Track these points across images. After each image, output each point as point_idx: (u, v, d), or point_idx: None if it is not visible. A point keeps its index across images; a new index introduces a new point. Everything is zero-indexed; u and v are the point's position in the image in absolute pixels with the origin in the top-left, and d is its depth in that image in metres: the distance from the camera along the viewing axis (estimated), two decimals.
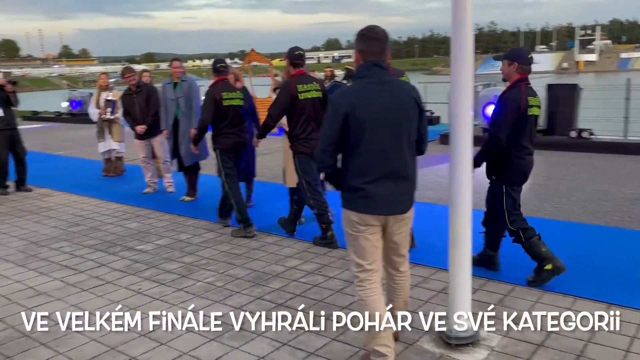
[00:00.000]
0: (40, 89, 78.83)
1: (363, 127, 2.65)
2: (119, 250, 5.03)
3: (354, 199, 2.75)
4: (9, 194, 7.53)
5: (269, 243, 5.11)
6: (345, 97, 2.71)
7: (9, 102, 7.43)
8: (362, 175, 2.71)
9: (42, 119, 20.29)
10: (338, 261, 4.55)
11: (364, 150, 2.69)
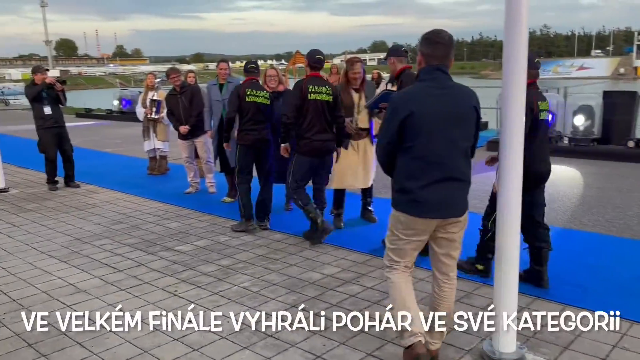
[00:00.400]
0: (95, 87, 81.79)
1: (419, 130, 2.70)
2: (158, 250, 5.06)
3: (404, 202, 2.79)
4: (58, 190, 7.75)
5: (307, 248, 5.03)
6: (404, 100, 2.77)
7: (58, 101, 7.65)
8: (415, 178, 2.75)
9: (94, 116, 20.99)
10: (377, 271, 4.41)
11: (419, 154, 2.73)
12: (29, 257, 4.89)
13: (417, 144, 2.72)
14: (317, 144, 5.04)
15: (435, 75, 2.76)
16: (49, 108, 7.55)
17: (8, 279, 4.37)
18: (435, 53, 2.75)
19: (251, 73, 5.62)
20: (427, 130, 2.70)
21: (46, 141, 7.60)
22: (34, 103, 7.51)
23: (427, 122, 2.69)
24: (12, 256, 4.92)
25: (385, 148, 2.85)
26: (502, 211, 2.88)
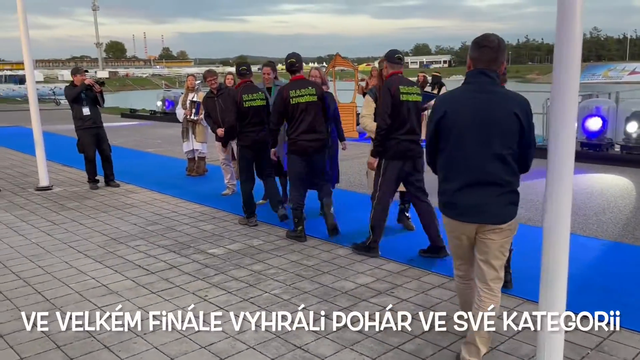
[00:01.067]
0: (142, 88, 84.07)
1: (450, 131, 2.75)
2: (191, 252, 5.03)
3: (442, 203, 2.88)
4: (98, 188, 7.89)
5: (341, 256, 4.89)
6: (441, 102, 2.86)
7: (96, 102, 7.79)
8: (448, 180, 2.82)
9: (138, 116, 21.47)
10: (413, 282, 4.23)
11: (450, 156, 2.78)
12: (66, 256, 4.95)
13: (449, 146, 2.78)
14: (303, 143, 5.18)
15: (478, 79, 2.75)
16: (87, 109, 7.70)
17: (44, 277, 4.41)
18: (482, 57, 2.74)
19: (244, 76, 5.83)
20: (457, 133, 2.74)
21: (85, 141, 7.75)
22: (73, 104, 7.67)
23: (458, 124, 2.73)
24: (50, 255, 4.98)
25: (427, 148, 2.95)
26: (550, 226, 2.66)
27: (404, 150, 4.70)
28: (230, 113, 5.75)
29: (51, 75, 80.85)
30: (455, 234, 2.87)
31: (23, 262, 4.79)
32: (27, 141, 12.13)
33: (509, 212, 2.77)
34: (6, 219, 6.29)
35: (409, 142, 4.72)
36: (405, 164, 4.75)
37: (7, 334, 3.41)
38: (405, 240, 5.30)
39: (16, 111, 25.85)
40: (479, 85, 2.74)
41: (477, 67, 2.75)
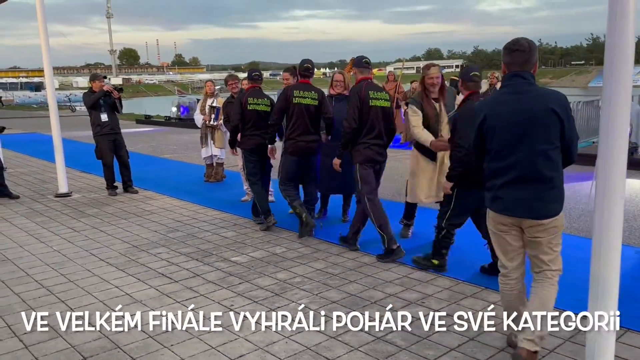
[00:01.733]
0: (155, 94, 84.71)
1: (493, 133, 2.92)
2: (214, 260, 4.94)
3: (490, 199, 3.02)
4: (117, 195, 7.85)
5: (367, 264, 4.78)
6: (482, 106, 3.03)
7: (114, 108, 7.78)
8: (495, 177, 2.97)
9: (153, 122, 21.56)
10: (444, 292, 4.11)
11: (496, 155, 2.94)
12: (88, 263, 4.89)
13: (493, 146, 2.94)
14: (301, 144, 5.40)
15: (512, 82, 2.90)
16: (105, 115, 7.68)
17: (67, 286, 4.35)
18: (515, 60, 2.89)
19: (255, 81, 5.98)
20: (499, 133, 2.90)
21: (103, 147, 7.72)
22: (91, 110, 7.65)
23: (498, 124, 2.89)
24: (72, 262, 4.93)
25: (474, 151, 3.15)
26: (600, 238, 2.53)
27: (373, 155, 4.93)
28: (235, 114, 5.94)
29: (66, 82, 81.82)
30: (500, 229, 3.01)
31: (45, 270, 4.74)
32: (45, 148, 12.20)
33: (552, 209, 2.87)
34: (27, 225, 6.26)
35: (378, 147, 4.95)
36: (375, 166, 5.02)
37: (31, 345, 3.34)
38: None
39: (32, 118, 26.10)
40: (515, 87, 2.89)
41: (511, 71, 2.90)
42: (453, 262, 4.72)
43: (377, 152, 4.93)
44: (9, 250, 5.30)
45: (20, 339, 3.42)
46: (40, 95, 44.10)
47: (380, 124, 4.90)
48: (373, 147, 4.90)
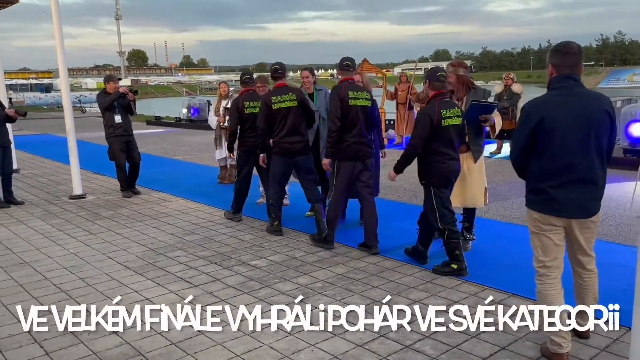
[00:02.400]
0: (163, 95, 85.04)
1: (552, 135, 2.89)
2: (233, 264, 4.87)
3: (538, 201, 3.01)
4: (131, 197, 7.81)
5: (388, 268, 4.69)
6: (537, 107, 2.96)
7: (128, 110, 7.78)
8: (548, 179, 2.95)
9: (163, 124, 21.57)
10: (470, 298, 4.01)
11: (552, 156, 2.92)
12: (105, 267, 4.83)
13: (550, 147, 2.91)
14: (285, 145, 5.48)
15: (566, 83, 2.93)
16: (119, 117, 7.66)
17: (85, 290, 4.30)
18: (567, 62, 2.93)
19: (247, 84, 6.24)
20: (559, 134, 2.88)
21: (116, 148, 7.70)
22: (105, 111, 7.62)
23: (558, 126, 2.87)
24: (89, 265, 4.87)
25: (519, 152, 3.06)
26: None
27: (354, 152, 5.05)
28: (233, 119, 6.18)
29: (75, 84, 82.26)
30: (546, 229, 3.00)
31: (63, 273, 4.68)
32: (57, 149, 12.22)
33: (598, 206, 3.01)
34: (43, 228, 6.22)
35: (359, 145, 5.06)
36: (356, 164, 5.09)
37: (53, 352, 3.28)
38: None
39: (43, 119, 26.21)
40: (568, 89, 2.92)
41: (562, 73, 2.94)
42: (477, 267, 4.63)
43: (358, 150, 5.07)
44: (26, 254, 5.26)
45: (40, 345, 3.37)
46: (50, 97, 44.37)
47: (361, 122, 5.04)
48: (354, 144, 5.04)
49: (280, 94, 5.52)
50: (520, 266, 4.52)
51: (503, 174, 9.29)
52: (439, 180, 4.49)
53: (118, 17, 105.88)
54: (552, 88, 2.95)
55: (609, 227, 5.71)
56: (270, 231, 5.81)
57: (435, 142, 4.38)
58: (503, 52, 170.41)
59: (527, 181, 3.08)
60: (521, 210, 6.79)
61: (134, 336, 3.46)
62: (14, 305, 3.98)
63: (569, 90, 2.90)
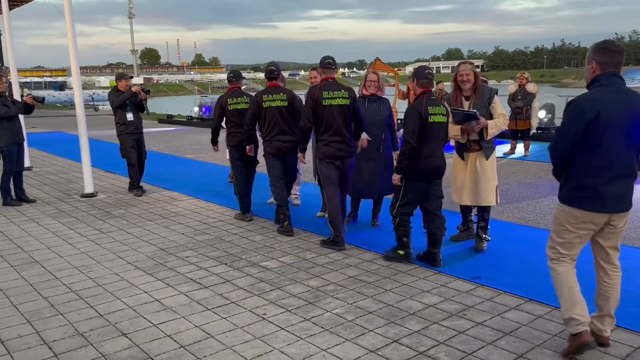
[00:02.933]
0: (175, 93, 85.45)
1: (604, 132, 2.90)
2: (244, 265, 4.81)
3: (581, 198, 3.00)
4: (142, 195, 7.80)
5: (401, 271, 4.60)
6: (590, 103, 2.93)
7: (139, 108, 7.80)
8: (597, 175, 2.96)
9: (175, 122, 21.60)
10: (485, 303, 3.91)
11: (602, 153, 2.93)
12: (116, 267, 4.80)
13: (602, 143, 2.91)
14: (277, 144, 5.62)
15: (613, 81, 2.98)
16: (131, 114, 7.66)
17: (95, 290, 4.26)
18: (612, 61, 2.99)
19: (231, 82, 6.43)
20: (611, 131, 2.90)
21: (127, 146, 7.69)
22: (117, 109, 7.61)
23: (611, 123, 2.89)
24: (100, 265, 4.84)
25: (569, 147, 3.00)
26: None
27: (333, 152, 5.14)
28: (216, 116, 6.44)
29: (89, 82, 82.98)
30: (582, 227, 3.03)
31: (73, 273, 4.66)
32: (69, 147, 12.25)
33: (632, 198, 3.07)
34: (54, 226, 6.21)
35: (337, 143, 5.14)
36: (335, 162, 5.18)
37: (61, 353, 3.24)
38: (473, 256, 4.97)
39: (56, 117, 26.39)
40: (616, 86, 2.97)
41: (607, 70, 2.98)
42: (492, 270, 4.54)
43: (337, 149, 5.15)
44: (37, 252, 5.24)
45: (49, 346, 3.33)
46: (64, 95, 44.73)
47: (337, 122, 5.10)
48: (332, 144, 5.14)
49: (271, 93, 5.68)
50: (536, 271, 4.43)
51: (517, 175, 9.16)
52: (417, 175, 4.56)
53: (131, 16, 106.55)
54: (599, 85, 2.97)
55: (629, 231, 5.57)
56: (280, 232, 5.78)
57: (420, 138, 4.46)
58: (516, 51, 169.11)
59: (569, 177, 3.06)
60: (536, 212, 6.67)
61: (142, 339, 3.41)
62: (24, 305, 3.97)
63: (616, 87, 2.96)
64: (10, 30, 10.30)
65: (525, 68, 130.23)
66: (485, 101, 4.92)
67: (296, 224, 5.99)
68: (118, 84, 7.80)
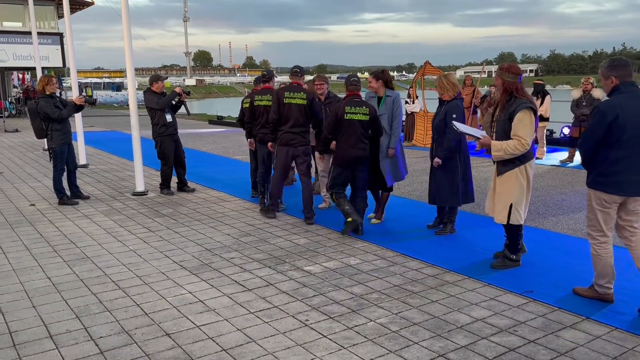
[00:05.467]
0: (226, 95, 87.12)
1: (623, 130, 3.61)
2: (287, 269, 4.78)
3: (607, 183, 3.74)
4: (173, 195, 7.95)
5: (449, 282, 4.45)
6: (612, 108, 3.65)
7: (175, 110, 8.03)
8: (616, 165, 3.69)
9: (225, 123, 21.95)
10: (538, 319, 3.71)
11: (622, 148, 3.65)
12: (162, 266, 4.87)
13: (620, 140, 3.62)
14: (287, 135, 6.24)
15: (632, 89, 3.69)
16: (170, 116, 7.84)
17: (142, 288, 4.33)
18: (627, 73, 3.74)
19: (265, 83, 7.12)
20: (629, 129, 3.61)
21: (168, 147, 7.85)
22: (157, 111, 7.76)
23: (629, 123, 3.60)
24: (147, 264, 4.93)
25: (593, 144, 3.73)
26: None
27: (287, 140, 6.23)
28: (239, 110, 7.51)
29: (144, 83, 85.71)
30: (608, 206, 3.78)
31: (122, 270, 4.76)
32: (124, 146, 12.64)
33: None
34: (106, 223, 6.39)
35: (292, 134, 6.22)
36: (289, 149, 6.24)
37: (107, 350, 3.29)
38: (521, 270, 4.75)
39: (112, 116, 27.36)
40: (634, 93, 3.68)
41: (626, 80, 3.72)
42: (546, 285, 4.31)
43: (290, 138, 6.21)
44: (89, 248, 5.39)
45: (96, 342, 3.39)
46: (120, 95, 46.36)
47: (294, 117, 6.17)
48: (287, 133, 6.22)
49: (293, 91, 6.25)
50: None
51: (574, 184, 8.74)
52: (337, 160, 5.86)
53: (186, 19, 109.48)
54: (619, 92, 3.68)
55: None
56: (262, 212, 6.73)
57: (338, 131, 5.75)
58: (573, 55, 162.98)
59: (595, 167, 3.77)
60: None
61: (185, 340, 3.42)
62: (74, 300, 4.07)
63: (634, 94, 3.67)
64: (72, 32, 10.72)
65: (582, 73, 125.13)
66: (506, 115, 4.47)
67: (340, 228, 5.93)
68: (153, 86, 7.91)
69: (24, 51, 25.21)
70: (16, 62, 25.69)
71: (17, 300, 4.07)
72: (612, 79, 3.70)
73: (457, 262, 4.89)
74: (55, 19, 26.96)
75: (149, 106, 7.84)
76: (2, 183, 9.14)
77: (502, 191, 4.64)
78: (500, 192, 4.65)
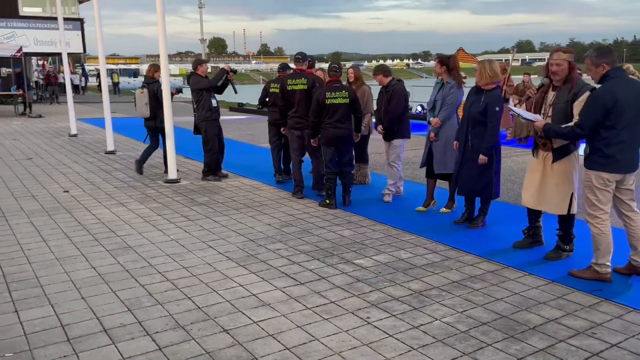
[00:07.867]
0: (241, 82, 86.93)
1: (622, 113, 3.80)
2: (337, 262, 4.60)
3: (607, 163, 3.91)
4: (220, 180, 7.81)
5: (509, 278, 4.24)
6: (610, 93, 3.82)
7: (222, 90, 7.93)
8: (616, 145, 3.87)
9: (246, 110, 21.80)
10: (615, 321, 3.49)
11: (621, 129, 3.84)
12: (207, 256, 4.71)
13: (619, 122, 3.82)
14: (293, 120, 6.80)
15: (621, 74, 3.92)
16: (215, 100, 7.68)
17: (190, 280, 4.17)
18: (614, 59, 3.96)
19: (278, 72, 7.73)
20: (627, 111, 3.81)
21: (212, 132, 7.69)
22: (204, 94, 7.57)
23: (627, 105, 3.81)
24: (191, 254, 4.78)
25: (593, 126, 3.90)
26: None
27: (293, 124, 6.79)
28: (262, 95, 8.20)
29: None
30: (608, 185, 3.95)
31: (167, 260, 4.61)
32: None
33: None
34: (142, 211, 6.25)
35: (298, 118, 6.73)
36: (294, 132, 6.82)
37: (165, 347, 3.14)
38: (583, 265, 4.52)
39: (132, 102, 27.28)
40: (624, 77, 3.91)
41: (615, 66, 3.92)
42: (616, 284, 4.08)
43: (296, 122, 6.79)
44: (129, 237, 5.25)
45: (152, 338, 3.24)
46: (138, 81, 46.36)
47: (300, 103, 6.67)
48: (293, 118, 6.79)
49: (294, 78, 6.74)
50: None
51: None
52: (325, 140, 6.31)
53: (201, 6, 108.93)
54: (612, 77, 3.86)
55: None
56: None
57: (323, 114, 6.22)
58: (593, 44, 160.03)
59: (595, 149, 3.93)
60: None
61: (245, 337, 3.26)
62: (123, 292, 3.93)
63: (624, 78, 3.90)
64: (100, 19, 10.56)
65: None
66: (569, 97, 4.26)
67: (385, 220, 5.74)
68: (198, 69, 7.72)
69: (45, 37, 25.20)
70: (37, 48, 25.69)
71: (65, 291, 3.94)
72: (604, 65, 3.87)
73: (514, 257, 4.67)
74: (76, 4, 26.87)
75: (197, 88, 7.62)
76: (32, 168, 9.07)
77: (560, 181, 4.42)
78: (558, 182, 4.43)
